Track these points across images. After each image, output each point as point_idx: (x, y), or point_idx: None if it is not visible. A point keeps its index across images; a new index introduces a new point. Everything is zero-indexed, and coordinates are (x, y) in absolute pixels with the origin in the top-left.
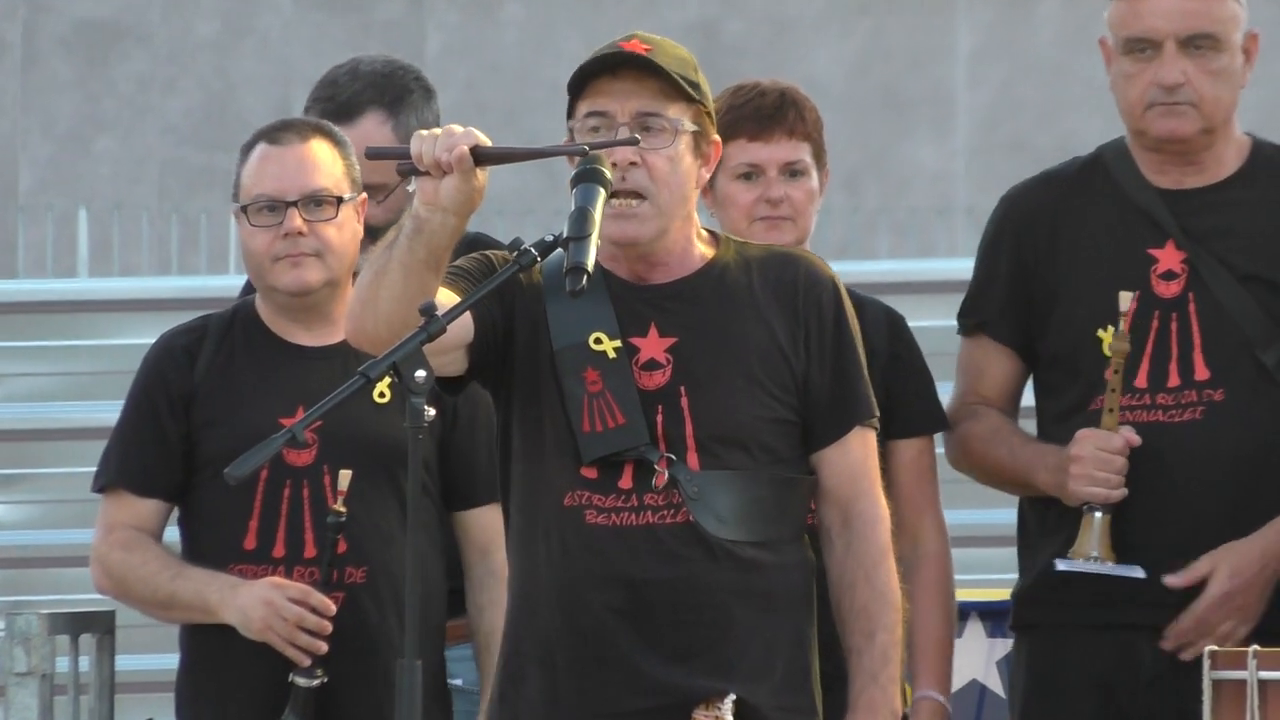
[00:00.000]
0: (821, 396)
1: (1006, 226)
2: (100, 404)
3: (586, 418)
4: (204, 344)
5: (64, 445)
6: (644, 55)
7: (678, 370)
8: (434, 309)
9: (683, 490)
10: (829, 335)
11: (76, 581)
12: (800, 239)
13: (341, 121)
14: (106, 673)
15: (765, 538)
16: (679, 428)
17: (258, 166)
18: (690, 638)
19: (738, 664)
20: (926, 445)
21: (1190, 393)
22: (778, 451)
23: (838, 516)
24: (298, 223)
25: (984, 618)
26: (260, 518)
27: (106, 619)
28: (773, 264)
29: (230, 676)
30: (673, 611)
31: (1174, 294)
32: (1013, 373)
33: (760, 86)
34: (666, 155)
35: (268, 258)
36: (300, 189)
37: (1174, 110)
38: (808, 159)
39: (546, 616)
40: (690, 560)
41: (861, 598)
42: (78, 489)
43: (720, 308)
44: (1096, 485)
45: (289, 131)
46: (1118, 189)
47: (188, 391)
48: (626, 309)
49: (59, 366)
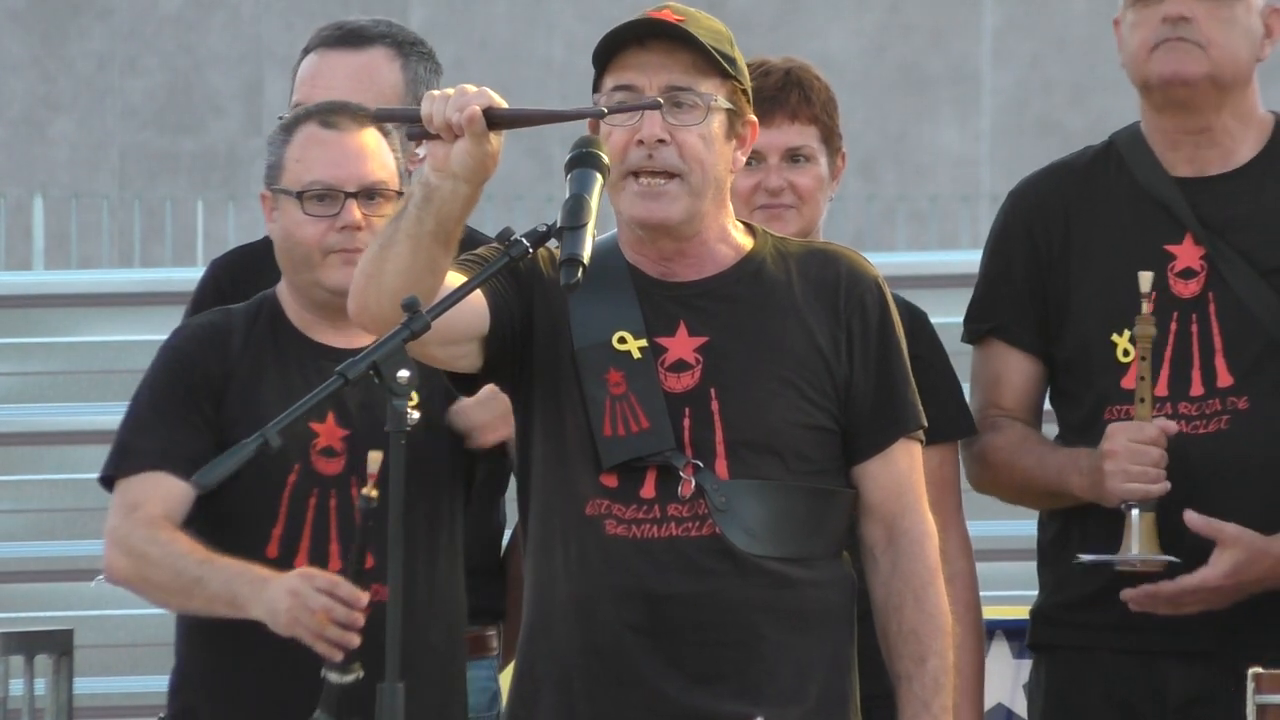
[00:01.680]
0: (865, 404)
1: (1016, 222)
2: (56, 406)
3: (608, 421)
4: (232, 336)
5: (16, 451)
6: (676, 25)
7: (708, 371)
8: (418, 304)
9: (710, 500)
10: (873, 339)
11: (31, 598)
12: (805, 229)
13: (348, 47)
14: (64, 696)
15: (799, 553)
16: (708, 432)
17: (309, 150)
18: (716, 658)
19: (767, 687)
20: (950, 453)
21: (1214, 401)
22: (815, 461)
23: (882, 533)
24: (356, 215)
25: (1010, 637)
26: (285, 525)
27: (64, 639)
28: (813, 261)
29: (252, 678)
30: (697, 630)
31: (1193, 293)
32: (1033, 378)
33: (767, 65)
34: (698, 133)
35: (318, 250)
36: (359, 179)
37: (1178, 46)
38: (814, 144)
39: (563, 634)
40: (717, 575)
41: (910, 620)
42: (31, 499)
43: (756, 306)
44: (1134, 480)
45: (342, 115)
46: (1132, 179)
47: (219, 383)
48: (654, 306)
49: (12, 366)
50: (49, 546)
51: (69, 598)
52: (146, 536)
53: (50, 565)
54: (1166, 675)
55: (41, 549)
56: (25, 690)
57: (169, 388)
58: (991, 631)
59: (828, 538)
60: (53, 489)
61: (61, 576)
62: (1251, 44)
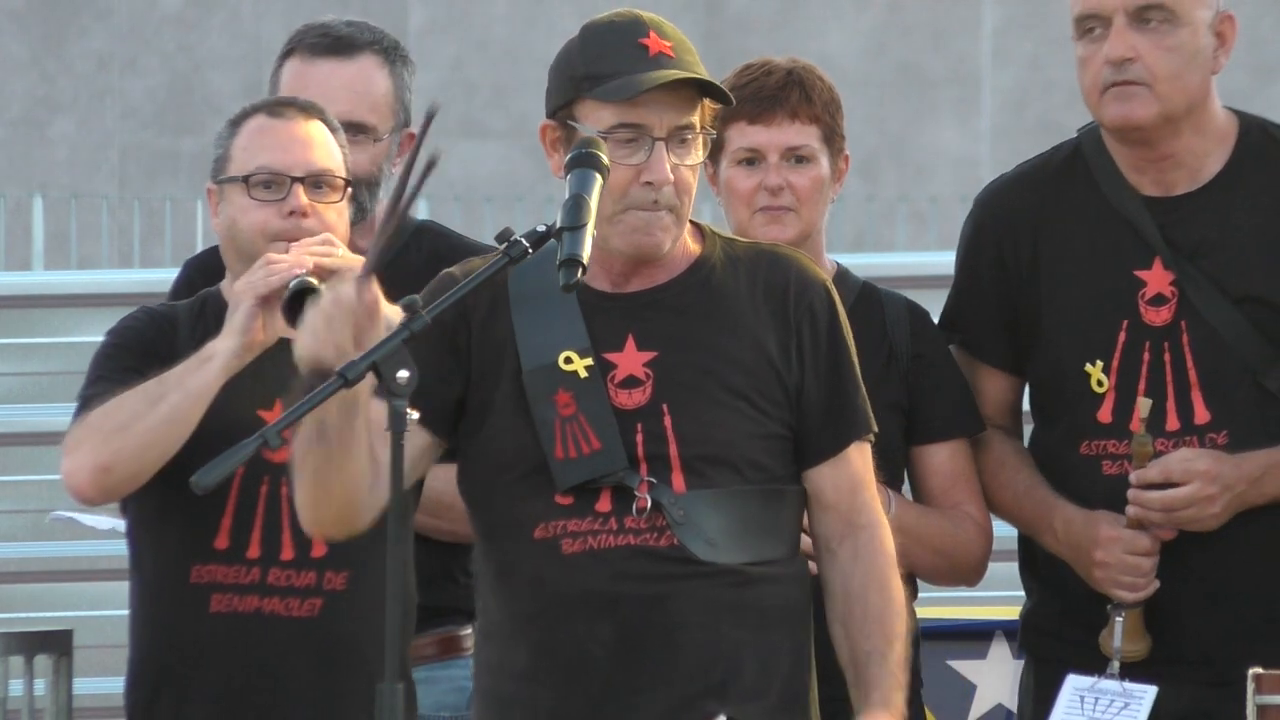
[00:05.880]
0: (816, 410)
1: (985, 233)
2: (56, 407)
3: (560, 443)
4: (178, 327)
5: (16, 451)
6: (689, 70)
7: (659, 387)
8: (418, 304)
9: (668, 514)
10: (823, 344)
11: (31, 598)
12: (805, 231)
13: (337, 55)
14: (64, 696)
15: (760, 556)
16: (662, 448)
17: (255, 139)
18: (679, 660)
19: (731, 686)
20: (959, 448)
21: (1192, 439)
22: (770, 469)
23: (839, 525)
24: (303, 200)
25: (1010, 637)
26: (234, 516)
27: (63, 639)
28: (762, 263)
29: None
30: (659, 633)
31: (1165, 321)
32: (1007, 390)
33: (769, 65)
34: (693, 167)
35: (263, 236)
36: (306, 166)
37: (1125, 92)
38: (815, 144)
39: (525, 654)
40: (676, 578)
41: (876, 605)
42: (31, 499)
43: (705, 316)
44: (1125, 589)
45: (290, 107)
46: (1100, 195)
47: (167, 364)
48: (601, 321)
49: (11, 366)
50: (49, 546)
51: (69, 598)
52: (102, 410)
53: (50, 565)
54: (1160, 693)
55: (41, 549)
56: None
57: (120, 356)
58: (991, 631)
59: (785, 536)
60: (53, 489)
61: (61, 576)
62: (1202, 65)
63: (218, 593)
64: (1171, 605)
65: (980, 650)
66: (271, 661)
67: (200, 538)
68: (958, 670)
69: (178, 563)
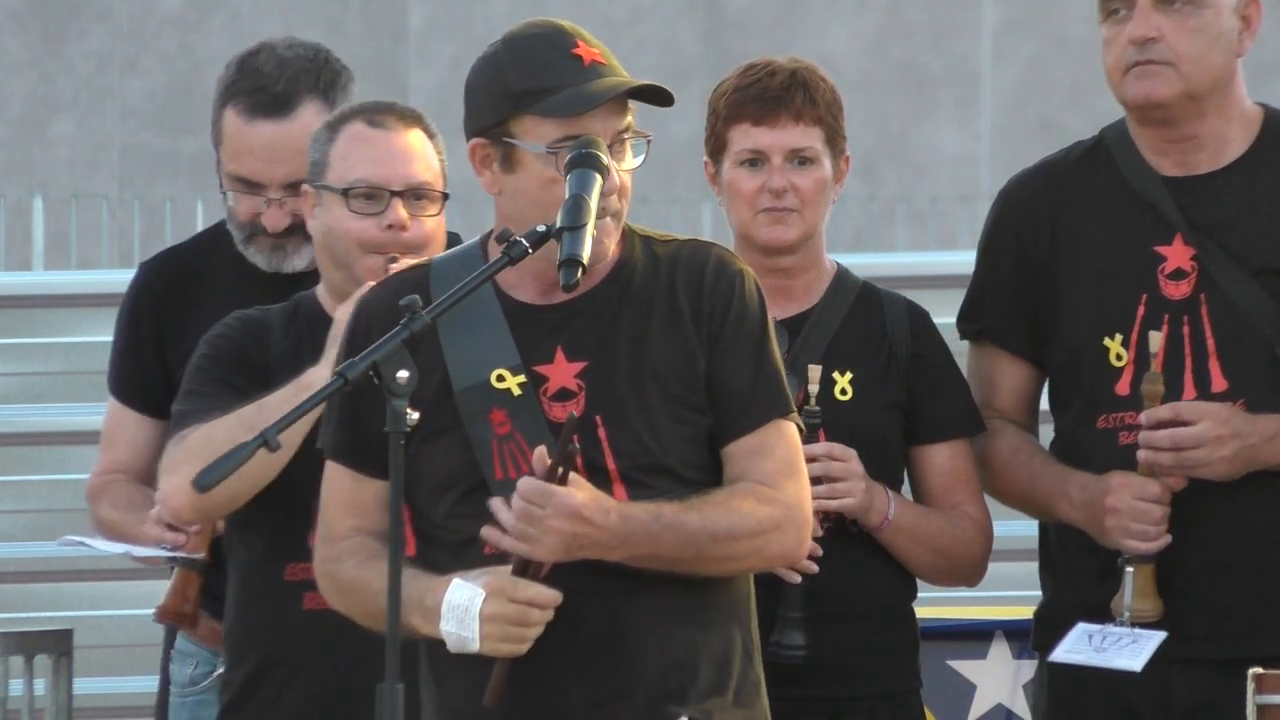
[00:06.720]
0: (726, 392)
1: (1005, 222)
2: (55, 407)
3: (498, 464)
4: (270, 332)
5: (16, 451)
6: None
7: (591, 399)
8: (417, 305)
9: None
10: (731, 325)
11: (31, 598)
12: (808, 232)
13: (278, 114)
14: (64, 696)
15: None
16: (599, 459)
17: (354, 148)
18: (638, 669)
19: (690, 688)
20: (959, 448)
21: None
22: (705, 466)
23: (737, 476)
24: (402, 215)
25: (1010, 637)
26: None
27: (64, 639)
28: (681, 257)
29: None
30: (613, 645)
31: (1184, 295)
32: (1026, 380)
33: (772, 66)
34: (631, 171)
35: (360, 247)
36: (405, 180)
37: (1148, 71)
38: (818, 145)
39: (472, 673)
40: (624, 593)
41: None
42: (31, 499)
43: (630, 321)
44: (1135, 538)
45: (389, 115)
46: (1120, 178)
47: (262, 371)
48: (528, 335)
49: (11, 366)
50: (49, 546)
51: (69, 598)
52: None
53: (50, 565)
54: (1170, 681)
55: (41, 549)
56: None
57: (211, 369)
58: (991, 631)
59: None
60: (53, 489)
61: (61, 576)
62: (1227, 46)
63: (310, 591)
64: (1182, 571)
65: (980, 650)
66: (366, 657)
67: (295, 536)
68: (958, 670)
69: (272, 560)
